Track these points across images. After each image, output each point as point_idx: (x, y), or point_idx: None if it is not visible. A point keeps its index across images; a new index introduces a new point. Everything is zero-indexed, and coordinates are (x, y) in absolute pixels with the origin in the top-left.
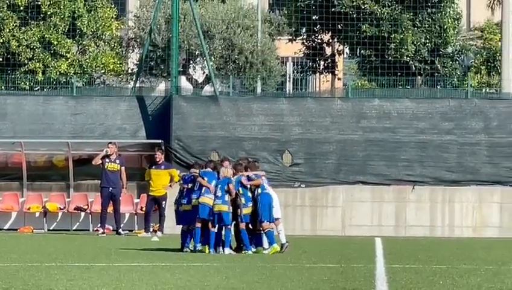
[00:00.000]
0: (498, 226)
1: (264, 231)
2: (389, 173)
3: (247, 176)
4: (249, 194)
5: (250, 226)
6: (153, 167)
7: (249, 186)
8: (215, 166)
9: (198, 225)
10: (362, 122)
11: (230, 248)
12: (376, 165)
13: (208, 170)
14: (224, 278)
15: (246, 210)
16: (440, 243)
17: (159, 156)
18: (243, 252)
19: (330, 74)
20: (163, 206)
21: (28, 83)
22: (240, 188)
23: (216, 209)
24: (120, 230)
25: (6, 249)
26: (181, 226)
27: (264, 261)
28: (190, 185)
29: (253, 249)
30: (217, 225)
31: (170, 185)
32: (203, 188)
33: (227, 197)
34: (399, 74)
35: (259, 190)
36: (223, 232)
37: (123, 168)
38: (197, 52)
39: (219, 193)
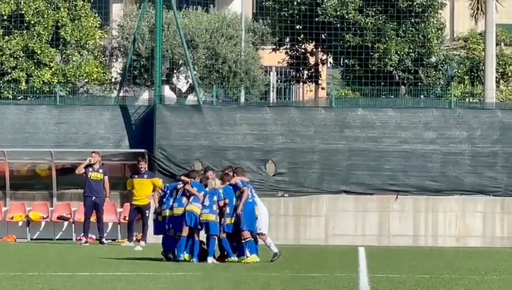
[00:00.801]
0: (481, 235)
1: (244, 241)
2: (373, 182)
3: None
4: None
5: (232, 236)
6: (136, 177)
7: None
8: (201, 180)
9: (185, 233)
10: (346, 132)
11: (214, 257)
12: (359, 175)
13: (196, 181)
14: (208, 287)
15: (229, 220)
16: (423, 252)
17: (143, 165)
18: (226, 260)
19: (314, 84)
20: (147, 215)
21: (11, 92)
22: (227, 199)
23: (203, 218)
24: (103, 239)
25: None
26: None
27: (248, 271)
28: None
29: (236, 258)
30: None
31: (152, 195)
32: (191, 197)
33: (215, 207)
34: (382, 83)
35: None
36: (209, 242)
37: (106, 177)
38: (180, 62)
39: (207, 203)
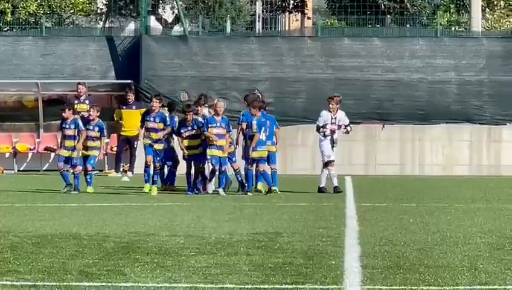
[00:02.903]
0: (468, 164)
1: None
2: (359, 111)
3: None
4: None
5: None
6: (124, 107)
7: None
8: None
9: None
10: (332, 62)
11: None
12: (346, 104)
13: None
14: (195, 217)
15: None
16: (410, 181)
17: (130, 96)
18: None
19: (300, 13)
20: (135, 146)
21: None
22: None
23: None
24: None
25: None
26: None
27: (236, 201)
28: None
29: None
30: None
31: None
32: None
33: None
34: (368, 12)
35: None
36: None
37: (95, 108)
38: None
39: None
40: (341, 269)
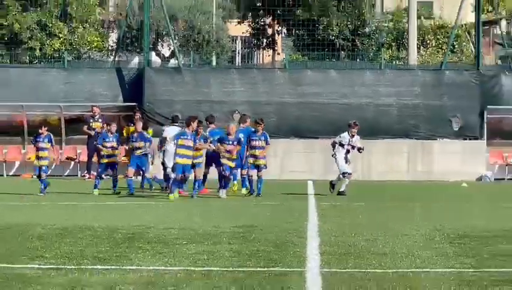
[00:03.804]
0: (406, 171)
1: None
2: (318, 129)
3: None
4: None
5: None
6: (132, 125)
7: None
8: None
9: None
10: (297, 89)
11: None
12: (308, 123)
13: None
14: (187, 214)
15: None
16: (360, 185)
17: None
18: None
19: (271, 50)
20: None
21: (28, 58)
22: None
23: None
24: (102, 175)
25: (11, 190)
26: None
27: (221, 201)
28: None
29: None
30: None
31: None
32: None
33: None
34: (326, 49)
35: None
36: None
37: (106, 125)
38: (164, 33)
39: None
40: (304, 256)
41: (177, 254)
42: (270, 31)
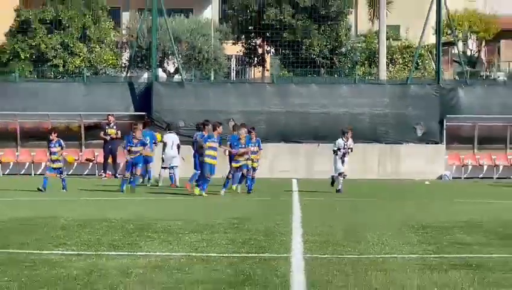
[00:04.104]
0: (377, 171)
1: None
2: (302, 134)
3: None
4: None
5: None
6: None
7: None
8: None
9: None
10: (283, 100)
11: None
12: (293, 130)
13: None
14: (190, 207)
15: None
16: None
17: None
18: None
19: (261, 67)
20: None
21: (52, 73)
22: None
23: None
24: (117, 174)
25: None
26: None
27: (219, 197)
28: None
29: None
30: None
31: (155, 143)
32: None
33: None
34: (308, 66)
35: None
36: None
37: (119, 131)
38: (169, 52)
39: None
40: (289, 243)
41: (180, 242)
42: (260, 50)
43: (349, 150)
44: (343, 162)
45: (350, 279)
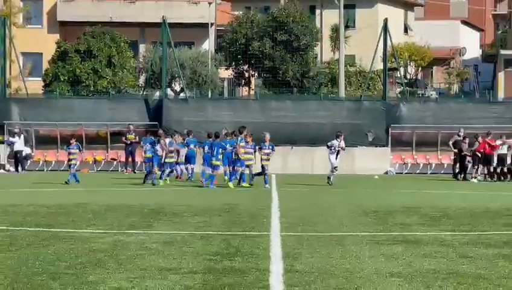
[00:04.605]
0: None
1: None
2: (278, 139)
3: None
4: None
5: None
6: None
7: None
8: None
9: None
10: (265, 113)
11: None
12: (272, 136)
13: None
14: (192, 195)
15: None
16: (308, 176)
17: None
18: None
19: (247, 87)
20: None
21: (85, 92)
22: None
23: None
24: (135, 171)
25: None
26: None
27: (215, 191)
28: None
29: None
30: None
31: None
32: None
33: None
34: (284, 86)
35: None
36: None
37: (137, 137)
38: (176, 75)
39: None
40: (269, 224)
41: (184, 223)
42: (246, 74)
43: (341, 149)
44: (336, 158)
45: (316, 251)
